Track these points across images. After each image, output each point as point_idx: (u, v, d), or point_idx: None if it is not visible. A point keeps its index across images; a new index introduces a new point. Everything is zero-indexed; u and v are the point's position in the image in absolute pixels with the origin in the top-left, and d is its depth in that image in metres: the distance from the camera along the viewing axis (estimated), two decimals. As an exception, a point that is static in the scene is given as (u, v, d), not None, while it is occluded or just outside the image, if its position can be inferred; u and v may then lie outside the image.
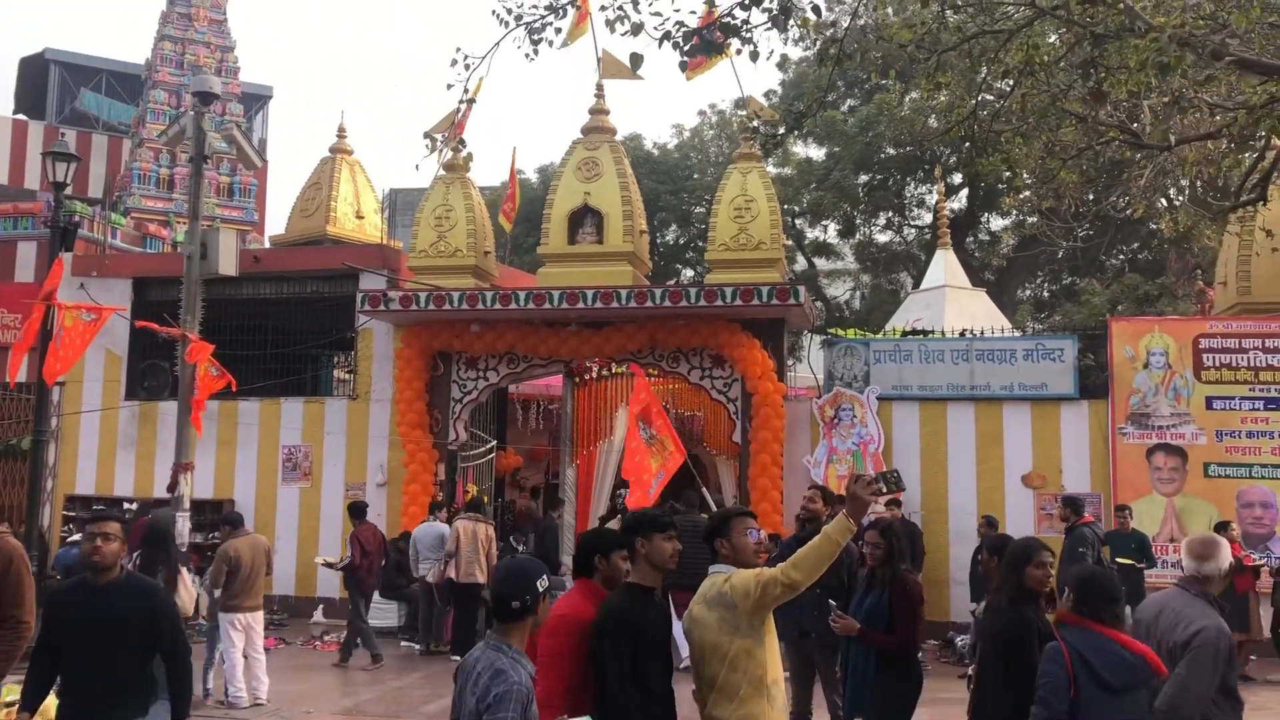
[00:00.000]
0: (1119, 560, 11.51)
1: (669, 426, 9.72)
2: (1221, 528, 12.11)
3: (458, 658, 12.46)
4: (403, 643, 13.46)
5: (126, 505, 15.96)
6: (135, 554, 8.73)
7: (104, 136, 30.70)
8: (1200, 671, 4.41)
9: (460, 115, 9.15)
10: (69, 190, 13.79)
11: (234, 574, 9.68)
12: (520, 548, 14.71)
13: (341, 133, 18.58)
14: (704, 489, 15.06)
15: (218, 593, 9.95)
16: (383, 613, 14.03)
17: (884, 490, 4.55)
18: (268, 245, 21.65)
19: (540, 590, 3.79)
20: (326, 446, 15.84)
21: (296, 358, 16.63)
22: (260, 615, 10.01)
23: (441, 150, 13.74)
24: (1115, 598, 4.41)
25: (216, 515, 13.85)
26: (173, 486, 10.89)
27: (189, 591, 8.49)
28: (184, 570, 8.52)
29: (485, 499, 14.55)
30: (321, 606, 15.30)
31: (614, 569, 4.45)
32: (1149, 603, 4.97)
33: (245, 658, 9.81)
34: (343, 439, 15.77)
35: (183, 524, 10.53)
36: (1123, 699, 4.25)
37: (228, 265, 11.19)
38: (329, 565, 13.19)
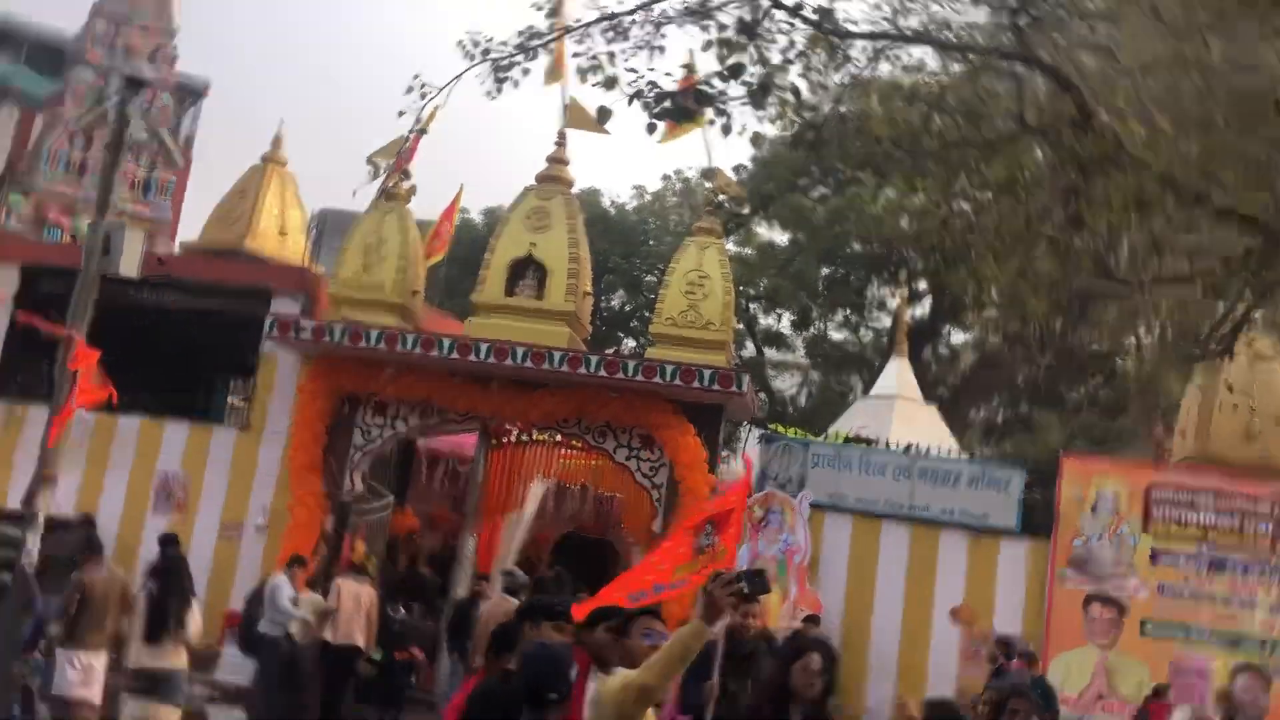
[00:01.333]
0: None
1: (738, 537, 8.99)
2: (1160, 692, 12.27)
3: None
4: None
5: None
6: (149, 585, 9.22)
7: (14, 108, 30.22)
8: None
9: (408, 145, 9.19)
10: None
11: (84, 606, 9.41)
12: (401, 614, 14.41)
13: (278, 141, 18.52)
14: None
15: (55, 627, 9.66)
16: (246, 669, 13.61)
17: (746, 591, 4.25)
18: (177, 250, 21.37)
19: (572, 680, 3.90)
20: (207, 478, 15.48)
21: (189, 377, 16.34)
22: (103, 656, 9.68)
23: (383, 177, 13.81)
24: None
25: (72, 538, 13.44)
26: (29, 500, 10.61)
27: (199, 624, 9.17)
28: (194, 603, 9.26)
29: (374, 562, 14.28)
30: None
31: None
32: None
33: (79, 702, 9.48)
34: (226, 472, 15.43)
35: (32, 543, 10.27)
36: None
37: (130, 266, 11.04)
38: None
